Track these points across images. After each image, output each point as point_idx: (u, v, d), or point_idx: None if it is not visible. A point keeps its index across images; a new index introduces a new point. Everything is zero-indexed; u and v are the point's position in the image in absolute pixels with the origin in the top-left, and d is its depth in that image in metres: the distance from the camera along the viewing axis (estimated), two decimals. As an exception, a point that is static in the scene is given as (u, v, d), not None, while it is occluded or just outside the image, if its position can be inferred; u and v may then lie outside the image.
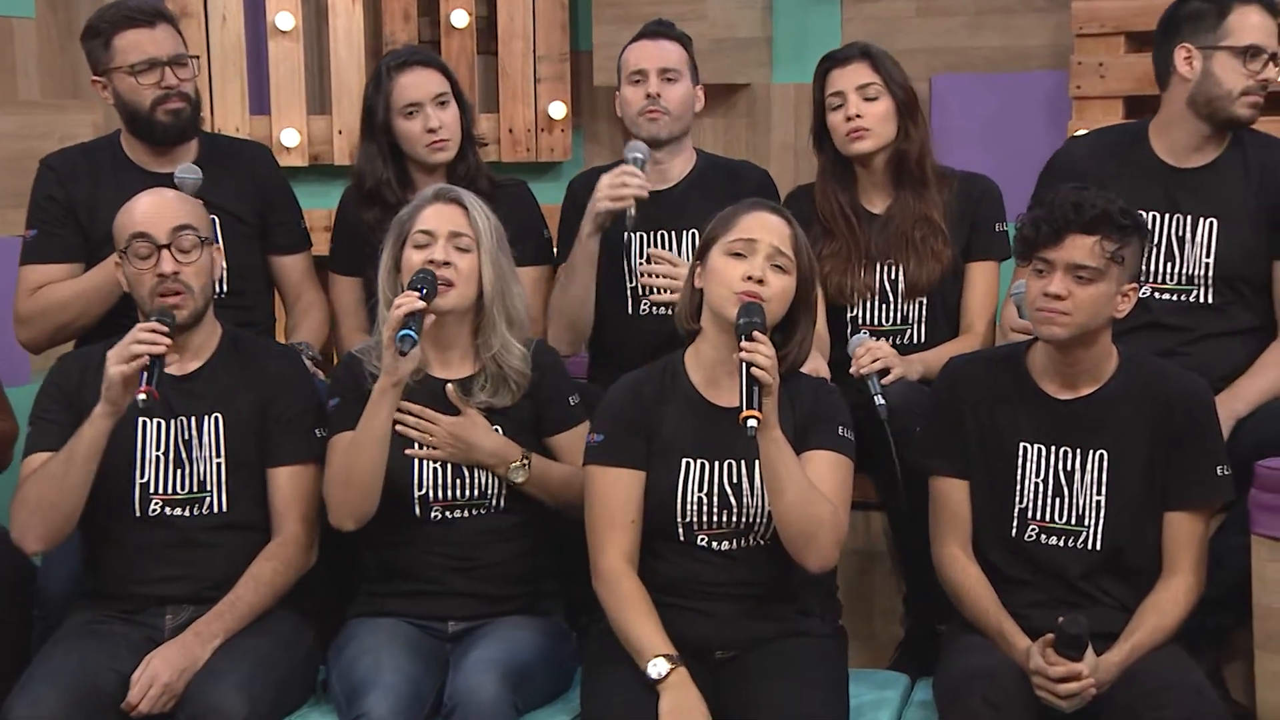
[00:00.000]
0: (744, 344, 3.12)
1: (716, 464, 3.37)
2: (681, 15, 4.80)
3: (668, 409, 3.41)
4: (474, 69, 5.49)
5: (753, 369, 3.10)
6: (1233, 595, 3.55)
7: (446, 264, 3.52)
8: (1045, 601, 3.38)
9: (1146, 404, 3.37)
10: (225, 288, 4.08)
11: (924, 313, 4.13)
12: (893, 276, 4.13)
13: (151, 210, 3.61)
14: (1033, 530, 3.41)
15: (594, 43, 5.35)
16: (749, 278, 3.27)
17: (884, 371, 3.82)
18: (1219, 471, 3.37)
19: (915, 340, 4.11)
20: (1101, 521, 3.38)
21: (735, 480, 3.38)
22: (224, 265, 3.84)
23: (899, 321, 4.14)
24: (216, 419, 3.63)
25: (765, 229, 3.33)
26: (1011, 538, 3.42)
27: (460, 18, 5.51)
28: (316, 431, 3.68)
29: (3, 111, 5.11)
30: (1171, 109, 3.94)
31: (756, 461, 3.26)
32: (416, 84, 4.27)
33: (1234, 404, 3.74)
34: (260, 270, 4.36)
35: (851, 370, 3.83)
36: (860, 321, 4.11)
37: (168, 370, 3.54)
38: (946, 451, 3.49)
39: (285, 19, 5.44)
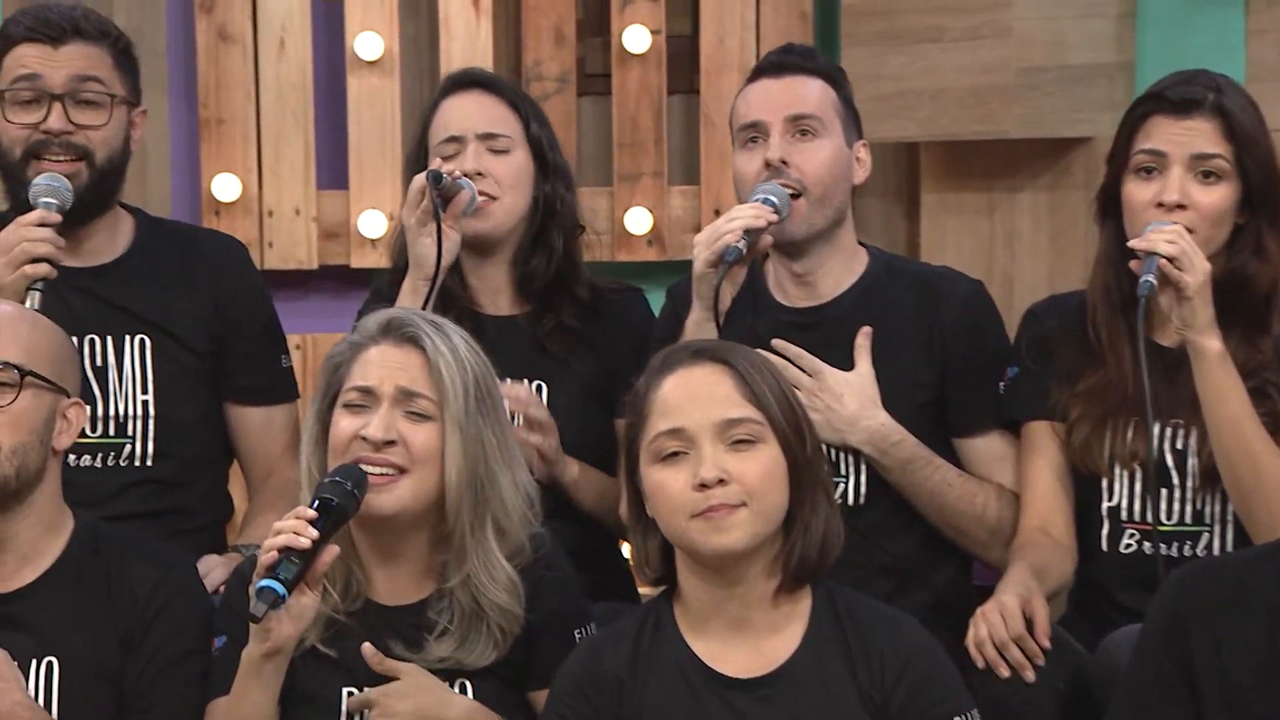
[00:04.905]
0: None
1: None
2: (974, 31, 4.35)
3: (650, 684, 3.08)
4: (663, 115, 4.79)
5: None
6: None
7: (390, 443, 3.13)
8: None
9: None
10: (146, 449, 3.65)
11: (1231, 510, 3.54)
12: (1179, 447, 3.59)
13: None
14: None
15: (844, 69, 4.44)
16: (703, 485, 2.93)
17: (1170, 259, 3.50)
18: None
19: (1214, 552, 3.61)
20: None
21: None
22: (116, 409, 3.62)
23: (1187, 520, 3.58)
24: (50, 664, 3.25)
25: (697, 403, 2.97)
26: None
27: (638, 38, 4.72)
28: None
29: None
30: None
31: None
32: (462, 111, 3.82)
33: None
34: (210, 426, 3.85)
35: (1134, 243, 3.49)
36: (1122, 516, 3.61)
37: None
38: (1147, 700, 3.10)
39: (371, 43, 4.63)
